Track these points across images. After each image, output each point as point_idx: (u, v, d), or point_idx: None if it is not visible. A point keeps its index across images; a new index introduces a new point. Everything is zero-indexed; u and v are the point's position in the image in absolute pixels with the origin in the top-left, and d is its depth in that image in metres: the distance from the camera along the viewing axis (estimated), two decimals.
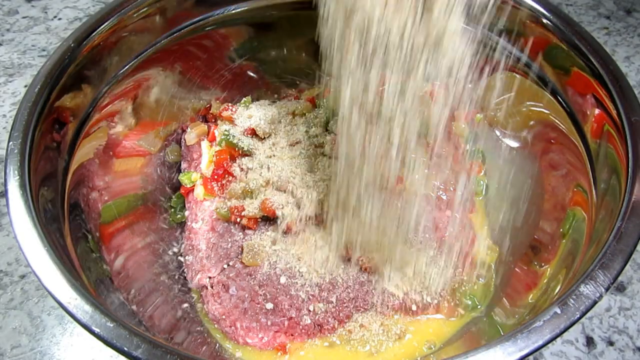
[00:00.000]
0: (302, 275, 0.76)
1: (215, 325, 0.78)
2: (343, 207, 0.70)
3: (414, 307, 0.75)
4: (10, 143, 0.64)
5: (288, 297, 0.75)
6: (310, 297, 0.75)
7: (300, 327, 0.75)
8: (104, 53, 0.78)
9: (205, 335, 0.78)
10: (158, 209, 0.90)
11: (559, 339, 0.70)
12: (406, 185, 0.69)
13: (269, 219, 0.81)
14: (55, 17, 1.31)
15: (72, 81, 0.74)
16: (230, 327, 0.76)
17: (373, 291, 0.76)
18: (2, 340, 0.81)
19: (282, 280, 0.76)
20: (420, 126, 0.89)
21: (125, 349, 0.52)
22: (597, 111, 0.72)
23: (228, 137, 0.88)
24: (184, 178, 0.90)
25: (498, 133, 0.93)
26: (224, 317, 0.77)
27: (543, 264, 0.75)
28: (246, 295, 0.77)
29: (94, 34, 0.76)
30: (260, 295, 0.76)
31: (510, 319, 0.71)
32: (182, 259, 0.85)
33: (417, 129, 0.62)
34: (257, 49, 1.00)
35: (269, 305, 0.75)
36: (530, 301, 0.71)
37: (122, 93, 0.83)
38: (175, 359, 0.51)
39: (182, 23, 0.89)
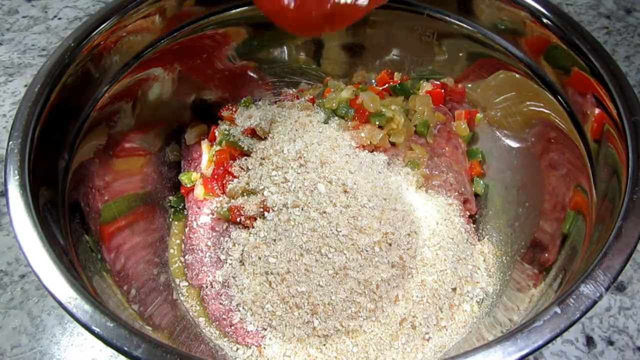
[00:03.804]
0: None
1: (216, 325, 0.78)
2: None
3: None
4: (10, 143, 0.64)
5: None
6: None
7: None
8: (104, 53, 0.78)
9: (205, 334, 0.78)
10: (158, 208, 0.90)
11: (559, 339, 0.70)
12: None
13: None
14: (55, 16, 1.31)
15: (72, 81, 0.74)
16: (231, 326, 0.76)
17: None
18: (2, 340, 0.81)
19: None
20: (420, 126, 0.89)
21: (125, 348, 0.52)
22: (597, 111, 0.72)
23: (228, 137, 0.88)
24: (184, 178, 0.90)
25: (498, 133, 0.93)
26: (224, 316, 0.77)
27: (543, 264, 0.75)
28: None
29: (94, 34, 0.76)
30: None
31: (510, 319, 0.71)
32: (182, 258, 0.85)
33: None
34: (257, 49, 1.00)
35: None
36: (530, 301, 0.71)
37: (122, 93, 0.83)
38: (175, 359, 0.51)
39: (182, 23, 0.89)
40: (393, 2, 0.93)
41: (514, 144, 0.90)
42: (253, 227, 0.80)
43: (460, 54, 0.94)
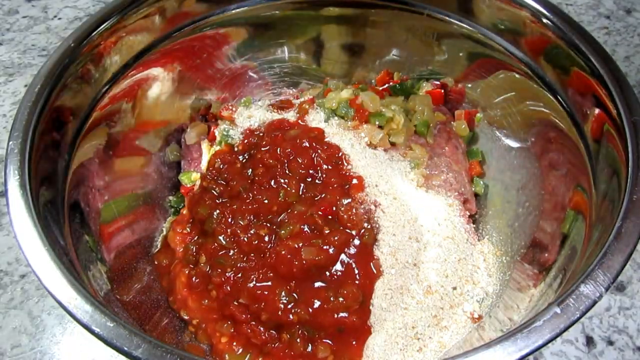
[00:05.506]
0: None
1: None
2: None
3: None
4: (10, 143, 0.64)
5: None
6: None
7: None
8: (104, 53, 0.78)
9: None
10: (158, 208, 0.90)
11: (559, 339, 0.70)
12: None
13: None
14: (55, 16, 1.31)
15: (72, 81, 0.74)
16: None
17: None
18: (2, 340, 0.81)
19: None
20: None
21: (125, 348, 0.52)
22: (597, 111, 0.72)
23: (227, 137, 0.88)
24: (184, 177, 0.90)
25: (498, 133, 0.93)
26: None
27: (543, 264, 0.75)
28: None
29: (94, 34, 0.76)
30: None
31: (510, 318, 0.71)
32: None
33: None
34: (257, 49, 1.00)
35: None
36: (530, 301, 0.71)
37: (122, 93, 0.83)
38: (175, 359, 0.51)
39: (182, 23, 0.89)
40: (393, 2, 0.93)
41: (514, 144, 0.90)
42: None
43: (460, 54, 0.94)
